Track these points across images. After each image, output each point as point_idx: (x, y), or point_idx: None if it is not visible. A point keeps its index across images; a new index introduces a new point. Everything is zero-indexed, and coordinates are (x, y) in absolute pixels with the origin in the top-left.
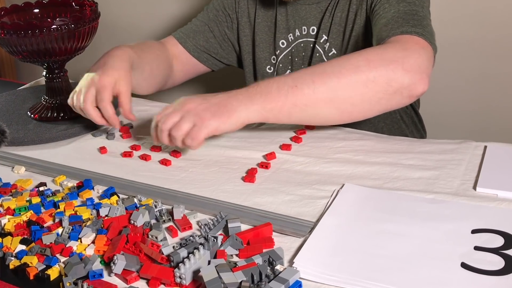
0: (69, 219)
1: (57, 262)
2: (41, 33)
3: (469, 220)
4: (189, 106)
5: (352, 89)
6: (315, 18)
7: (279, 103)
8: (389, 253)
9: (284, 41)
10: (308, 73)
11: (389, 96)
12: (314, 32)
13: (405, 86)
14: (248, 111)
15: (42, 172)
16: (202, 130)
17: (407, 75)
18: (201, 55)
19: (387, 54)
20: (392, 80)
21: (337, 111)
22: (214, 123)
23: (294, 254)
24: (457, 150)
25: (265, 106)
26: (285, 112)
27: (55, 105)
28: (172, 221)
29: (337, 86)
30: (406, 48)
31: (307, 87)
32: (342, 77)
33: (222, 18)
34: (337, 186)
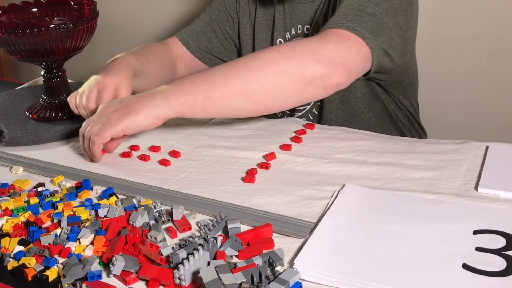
0: (67, 219)
1: (56, 263)
2: (39, 32)
3: (470, 221)
4: (102, 109)
5: (264, 80)
6: (309, 17)
7: (192, 95)
8: (390, 254)
9: (281, 40)
10: (221, 68)
11: (303, 86)
12: (308, 31)
13: (318, 76)
14: (161, 106)
15: (40, 173)
16: (108, 129)
17: (319, 65)
18: (203, 56)
19: (300, 45)
20: (304, 70)
21: (251, 103)
22: (123, 122)
23: (295, 255)
24: (459, 150)
25: (178, 99)
26: (199, 105)
27: (54, 105)
28: (171, 222)
29: (249, 77)
30: (322, 39)
31: (219, 79)
32: (253, 68)
33: (224, 18)
34: (337, 186)
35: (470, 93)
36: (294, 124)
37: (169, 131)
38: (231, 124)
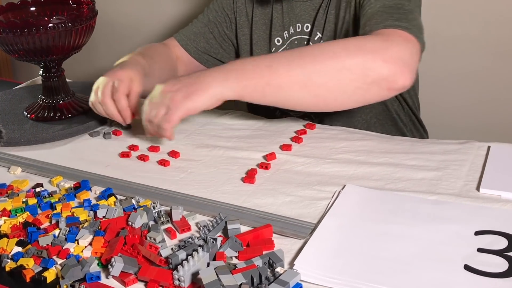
0: (66, 220)
1: (54, 264)
2: (37, 31)
3: (472, 221)
4: (163, 90)
5: (327, 75)
6: (309, 15)
7: (253, 80)
8: (391, 255)
9: (279, 39)
10: (285, 55)
11: (367, 86)
12: (308, 29)
13: (383, 77)
14: (223, 87)
15: (39, 173)
16: (175, 112)
17: (386, 66)
18: (201, 57)
19: (366, 44)
20: (369, 69)
21: (310, 96)
22: (188, 103)
23: (295, 256)
24: (460, 151)
25: (239, 83)
26: (259, 91)
27: (52, 105)
28: (170, 223)
29: (312, 70)
30: (387, 40)
31: (282, 67)
32: (318, 61)
33: (221, 19)
34: (338, 187)
35: (471, 93)
36: (294, 124)
37: None
38: (230, 124)
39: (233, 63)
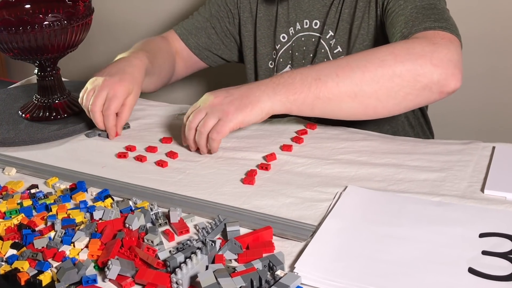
0: (61, 222)
1: (49, 267)
2: (32, 29)
3: (476, 223)
4: (213, 101)
5: (377, 83)
6: (319, 12)
7: (302, 94)
8: (393, 258)
9: (285, 35)
10: (332, 66)
11: (417, 91)
12: (317, 26)
13: (434, 81)
14: (272, 102)
15: (34, 174)
16: (227, 124)
17: (436, 70)
18: (202, 53)
19: (414, 48)
20: (420, 75)
21: (361, 106)
22: (239, 116)
23: (295, 259)
24: (464, 151)
25: (288, 97)
26: (308, 104)
27: (47, 104)
28: (168, 225)
29: (361, 80)
30: (434, 43)
31: (331, 80)
32: (366, 71)
33: (224, 14)
34: (339, 188)
35: (476, 93)
36: (295, 124)
37: (166, 132)
38: None
39: (280, 76)
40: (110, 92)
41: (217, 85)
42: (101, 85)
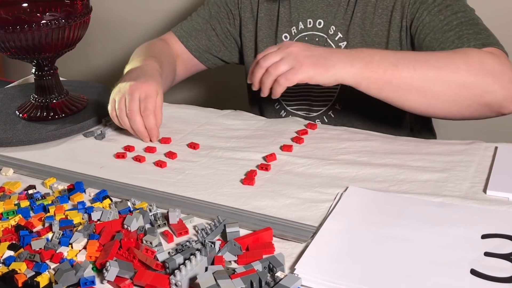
0: (59, 223)
1: (47, 269)
2: (30, 28)
3: (479, 224)
4: (291, 49)
5: (446, 87)
6: (323, 11)
7: (376, 75)
8: (395, 259)
9: (287, 35)
10: (411, 57)
11: (479, 106)
12: (321, 25)
13: (497, 101)
14: (345, 71)
15: (31, 174)
16: (298, 74)
17: (502, 92)
18: (202, 55)
19: (487, 64)
20: (487, 92)
21: (424, 102)
22: (311, 71)
23: (296, 261)
24: (467, 151)
25: (363, 73)
26: (378, 86)
27: (45, 104)
28: (167, 226)
29: (434, 80)
30: (502, 63)
31: (407, 70)
32: (441, 73)
33: (224, 15)
34: (340, 189)
35: None
36: (295, 124)
37: (165, 132)
38: (229, 124)
39: (360, 51)
40: (142, 93)
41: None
42: (130, 89)
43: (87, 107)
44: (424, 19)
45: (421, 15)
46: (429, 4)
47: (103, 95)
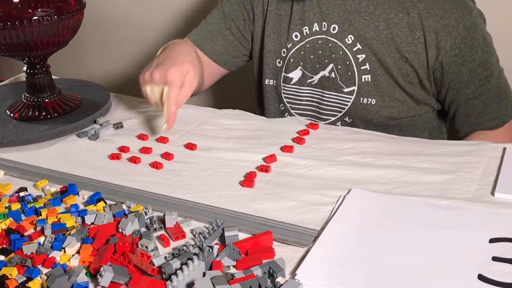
0: (51, 227)
1: (39, 274)
2: (21, 25)
3: (486, 228)
4: None
5: None
6: (339, 17)
7: None
8: (399, 264)
9: (297, 34)
10: None
11: None
12: (335, 31)
13: None
14: None
15: (23, 176)
16: None
17: None
18: (220, 58)
19: None
20: None
21: None
22: None
23: (297, 265)
24: (474, 152)
25: None
26: None
27: (37, 103)
28: (163, 230)
29: None
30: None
31: None
32: None
33: (238, 12)
34: (343, 191)
35: None
36: (296, 124)
37: (162, 132)
38: (228, 124)
39: None
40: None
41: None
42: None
43: (80, 106)
44: (461, 77)
45: (459, 71)
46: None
47: (97, 94)
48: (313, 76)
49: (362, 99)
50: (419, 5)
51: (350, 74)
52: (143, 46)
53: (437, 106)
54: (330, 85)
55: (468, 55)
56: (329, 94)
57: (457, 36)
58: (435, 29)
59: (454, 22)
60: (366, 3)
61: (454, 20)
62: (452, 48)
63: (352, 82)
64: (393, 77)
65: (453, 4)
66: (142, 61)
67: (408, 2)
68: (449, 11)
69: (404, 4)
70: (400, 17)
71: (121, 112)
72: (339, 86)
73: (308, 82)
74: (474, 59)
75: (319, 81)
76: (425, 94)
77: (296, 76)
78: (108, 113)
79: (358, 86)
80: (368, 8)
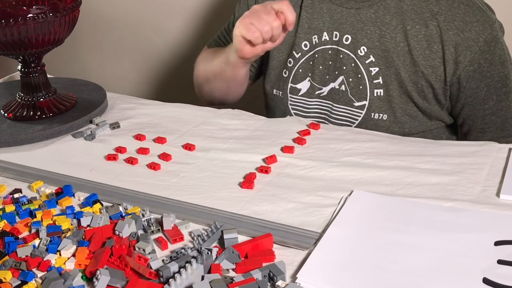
0: (47, 229)
1: (34, 278)
2: (16, 22)
3: (491, 230)
4: None
5: None
6: (352, 27)
7: None
8: (402, 268)
9: (307, 43)
10: None
11: None
12: (348, 41)
13: None
14: None
15: (17, 177)
16: None
17: None
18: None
19: None
20: None
21: None
22: None
23: (298, 269)
24: (479, 153)
25: None
26: None
27: (32, 102)
28: (161, 232)
29: None
30: None
31: None
32: None
33: None
34: (345, 192)
35: None
36: (297, 124)
37: (159, 132)
38: (227, 124)
39: None
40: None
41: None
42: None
43: (76, 106)
44: (479, 93)
45: (477, 87)
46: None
47: (93, 93)
48: (322, 88)
49: (373, 114)
50: (439, 17)
51: (361, 88)
52: (140, 44)
53: (449, 120)
54: (340, 98)
55: (487, 71)
56: (339, 107)
57: (477, 51)
58: (455, 43)
59: (475, 36)
60: (382, 12)
61: (475, 34)
62: (471, 63)
63: (363, 96)
64: (407, 92)
65: (474, 17)
66: (139, 60)
67: (426, 13)
68: (470, 24)
69: (423, 16)
70: (417, 29)
71: (117, 112)
72: (349, 99)
73: (316, 93)
74: (493, 74)
75: (329, 93)
76: (439, 109)
77: (304, 87)
78: (105, 113)
79: (369, 100)
80: (385, 18)
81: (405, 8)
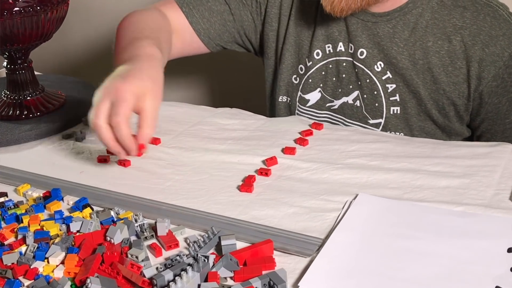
0: (34, 235)
1: (20, 286)
2: (1, 16)
3: (504, 237)
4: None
5: None
6: (368, 41)
7: None
8: (410, 276)
9: (319, 51)
10: None
11: None
12: (363, 56)
13: None
14: None
15: (3, 180)
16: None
17: None
18: (211, 42)
19: None
20: None
21: None
22: None
23: (299, 277)
24: (491, 155)
25: None
26: None
27: (18, 101)
28: (155, 238)
29: None
30: None
31: None
32: None
33: (248, 1)
34: (349, 196)
35: None
36: (299, 123)
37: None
38: (225, 124)
39: None
40: (114, 96)
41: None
42: (102, 93)
43: (65, 104)
44: (501, 108)
45: (499, 102)
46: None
47: (83, 91)
48: (333, 100)
49: (390, 132)
50: (463, 32)
51: (377, 105)
52: None
53: (468, 133)
54: (353, 114)
55: (510, 85)
56: (352, 122)
57: (501, 66)
58: (479, 58)
59: (500, 50)
60: (401, 27)
61: (500, 49)
62: (495, 78)
63: (379, 114)
64: (426, 110)
65: (500, 30)
66: None
67: (449, 28)
68: (495, 38)
69: (445, 31)
70: (439, 44)
71: None
72: (363, 116)
73: (327, 106)
74: None
75: (340, 107)
76: (460, 125)
77: (313, 98)
78: None
79: (385, 119)
80: (403, 33)
81: (425, 23)
